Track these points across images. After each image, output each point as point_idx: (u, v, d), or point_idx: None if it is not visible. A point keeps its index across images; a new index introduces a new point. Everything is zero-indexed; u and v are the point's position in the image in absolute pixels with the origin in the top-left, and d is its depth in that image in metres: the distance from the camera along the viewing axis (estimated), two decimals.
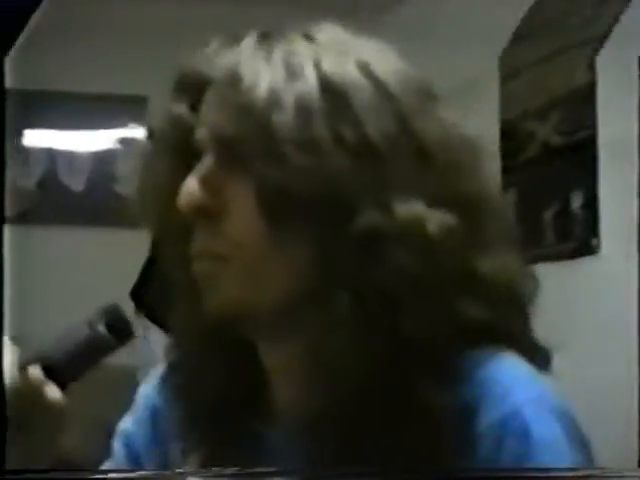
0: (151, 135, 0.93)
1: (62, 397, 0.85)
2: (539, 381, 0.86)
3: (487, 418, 0.82)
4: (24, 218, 4.32)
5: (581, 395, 1.04)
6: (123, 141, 4.40)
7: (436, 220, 0.83)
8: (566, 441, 0.82)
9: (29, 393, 0.83)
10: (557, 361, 0.90)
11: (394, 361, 0.82)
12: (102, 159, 4.41)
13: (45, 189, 4.39)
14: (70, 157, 4.44)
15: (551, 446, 0.81)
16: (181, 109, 0.90)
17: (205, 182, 0.87)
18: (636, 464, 0.81)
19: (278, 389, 0.91)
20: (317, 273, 0.83)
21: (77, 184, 4.44)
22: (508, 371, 0.85)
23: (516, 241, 0.91)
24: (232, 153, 0.85)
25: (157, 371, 1.01)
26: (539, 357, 0.89)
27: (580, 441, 0.83)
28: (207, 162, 0.87)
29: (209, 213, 0.86)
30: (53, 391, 0.85)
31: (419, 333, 0.82)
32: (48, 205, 4.38)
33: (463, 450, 0.81)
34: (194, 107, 0.90)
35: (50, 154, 4.42)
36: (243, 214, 0.85)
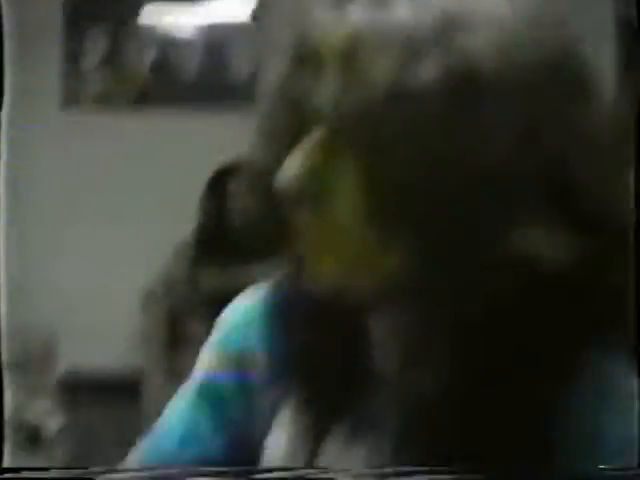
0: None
1: None
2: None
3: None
4: (137, 101, 4.37)
5: None
6: (235, 27, 4.39)
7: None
8: None
9: None
10: None
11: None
12: (214, 45, 4.41)
13: (158, 72, 4.42)
14: (182, 41, 4.45)
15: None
16: (299, 78, 0.84)
17: (310, 160, 0.82)
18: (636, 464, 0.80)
19: (381, 361, 0.89)
20: (418, 269, 0.80)
21: (189, 69, 4.46)
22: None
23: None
24: (343, 131, 0.80)
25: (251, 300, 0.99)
26: None
27: None
28: (315, 137, 0.82)
29: (310, 196, 0.82)
30: None
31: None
32: (160, 89, 4.41)
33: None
34: (316, 73, 0.82)
35: (163, 38, 4.44)
36: (347, 197, 0.81)
